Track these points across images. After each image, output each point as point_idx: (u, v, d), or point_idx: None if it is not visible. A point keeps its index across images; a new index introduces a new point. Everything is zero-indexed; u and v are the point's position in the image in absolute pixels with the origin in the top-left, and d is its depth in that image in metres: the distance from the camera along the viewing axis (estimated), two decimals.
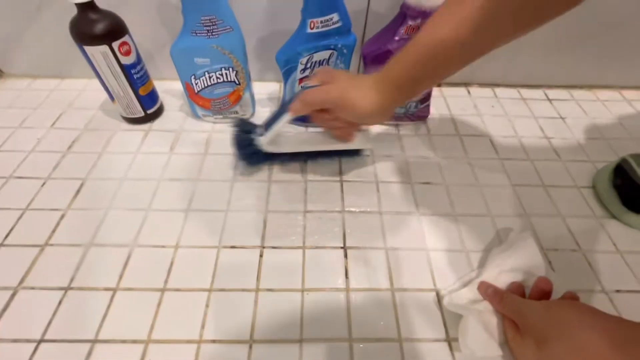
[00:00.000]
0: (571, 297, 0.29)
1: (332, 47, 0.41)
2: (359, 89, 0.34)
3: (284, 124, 0.38)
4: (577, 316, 0.25)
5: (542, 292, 0.30)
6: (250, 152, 0.41)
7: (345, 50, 0.42)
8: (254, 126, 0.42)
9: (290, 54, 0.42)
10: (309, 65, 0.43)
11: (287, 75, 0.44)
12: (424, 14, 0.39)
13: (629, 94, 0.59)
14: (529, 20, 0.28)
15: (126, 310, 0.32)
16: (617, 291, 0.35)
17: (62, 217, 0.39)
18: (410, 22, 0.40)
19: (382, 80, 0.33)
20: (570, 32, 0.53)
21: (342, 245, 0.37)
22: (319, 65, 0.43)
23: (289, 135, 0.44)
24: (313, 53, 0.42)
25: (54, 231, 0.37)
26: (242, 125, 0.42)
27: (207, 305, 0.33)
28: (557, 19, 0.51)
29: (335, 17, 0.39)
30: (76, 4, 0.38)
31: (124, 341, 0.30)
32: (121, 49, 0.41)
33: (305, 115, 0.37)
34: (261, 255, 0.36)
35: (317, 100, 0.35)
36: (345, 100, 0.34)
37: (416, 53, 0.31)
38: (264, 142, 0.40)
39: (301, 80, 0.45)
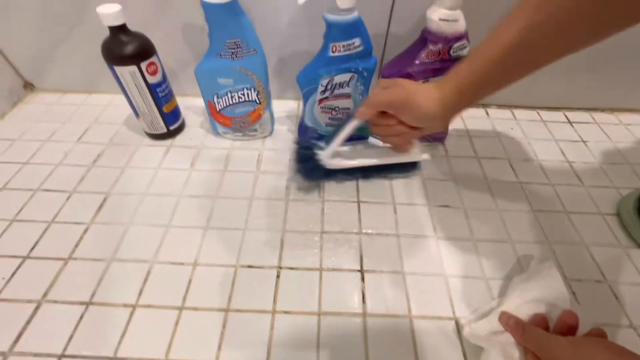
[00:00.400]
0: (598, 334, 0.28)
1: (352, 70, 0.42)
2: (423, 92, 0.35)
3: (347, 133, 0.39)
4: (607, 357, 0.24)
5: (568, 327, 0.29)
6: (310, 167, 0.41)
7: (365, 73, 0.43)
8: (315, 144, 0.42)
9: (311, 76, 0.43)
10: (329, 87, 0.44)
11: (307, 96, 0.45)
12: (445, 40, 0.40)
13: None
14: (607, 25, 0.27)
15: (145, 328, 0.32)
16: None
17: (86, 231, 0.40)
18: (431, 47, 0.40)
19: (445, 84, 0.34)
20: (592, 53, 0.51)
21: (359, 269, 0.37)
22: (339, 88, 0.44)
23: (348, 151, 0.45)
24: (334, 75, 0.42)
25: (77, 245, 0.38)
26: (304, 142, 0.43)
27: (223, 326, 0.33)
28: None
29: (357, 41, 0.40)
30: (109, 27, 0.39)
31: (142, 359, 0.31)
32: (149, 69, 0.43)
33: (367, 123, 0.39)
34: (278, 276, 0.36)
35: (384, 100, 0.36)
36: (411, 102, 0.35)
37: (480, 58, 0.31)
38: (326, 155, 0.40)
39: (321, 101, 0.46)
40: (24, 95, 0.59)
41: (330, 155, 0.41)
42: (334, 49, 0.40)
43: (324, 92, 0.44)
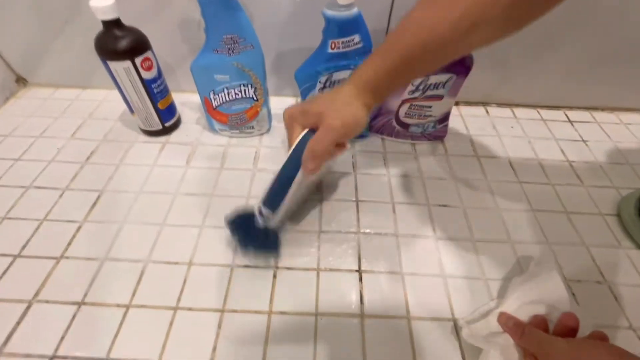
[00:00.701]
0: (599, 337, 0.28)
1: (352, 67, 0.41)
2: (349, 106, 0.32)
3: (294, 191, 0.34)
4: (607, 359, 0.24)
5: (568, 329, 0.29)
6: (264, 240, 0.36)
7: None
8: (249, 213, 0.36)
9: (309, 73, 0.42)
10: (327, 84, 0.43)
11: (305, 93, 0.44)
12: None
13: None
14: (521, 16, 0.28)
15: (138, 329, 0.32)
16: None
17: (79, 229, 0.39)
18: None
19: (362, 89, 0.32)
20: (592, 52, 0.52)
21: (357, 269, 0.37)
22: (338, 84, 0.43)
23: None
24: (332, 72, 0.42)
25: (69, 244, 0.38)
26: (237, 218, 0.37)
27: (219, 327, 0.32)
28: (579, 38, 0.50)
29: (356, 38, 0.39)
30: (102, 21, 0.38)
31: None
32: (143, 64, 0.42)
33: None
34: (274, 276, 0.36)
35: (329, 143, 0.32)
36: (348, 126, 0.32)
37: (398, 54, 0.30)
38: (277, 220, 0.36)
39: None
40: (16, 90, 0.58)
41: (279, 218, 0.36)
42: (332, 46, 0.39)
43: (322, 89, 0.44)
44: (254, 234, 0.36)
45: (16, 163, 0.46)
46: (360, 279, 0.36)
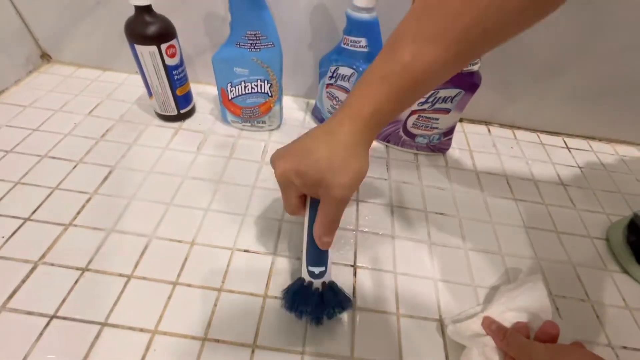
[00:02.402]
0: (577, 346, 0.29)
1: (354, 67, 0.44)
2: (351, 160, 0.28)
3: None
4: None
5: (549, 336, 0.30)
6: (331, 301, 0.31)
7: None
8: (297, 287, 0.32)
9: (326, 59, 0.47)
10: (334, 74, 0.47)
11: (321, 76, 0.49)
12: None
13: None
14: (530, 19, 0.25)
15: (137, 299, 0.33)
16: (624, 347, 0.34)
17: (89, 200, 0.40)
18: None
19: (364, 128, 0.28)
20: (594, 84, 0.54)
21: (352, 264, 0.38)
22: (342, 79, 0.46)
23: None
24: (340, 65, 0.45)
25: (79, 213, 0.39)
26: (293, 296, 0.32)
27: (215, 305, 0.33)
28: (582, 69, 0.52)
29: (363, 42, 0.41)
30: (135, 6, 0.41)
31: (131, 328, 0.31)
32: (168, 51, 0.44)
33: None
34: (273, 263, 0.37)
35: (338, 217, 0.29)
36: (354, 188, 0.28)
37: (383, 83, 0.27)
38: (329, 271, 0.32)
39: (328, 85, 0.49)
40: (40, 64, 0.60)
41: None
42: (345, 41, 0.43)
43: (330, 77, 0.47)
44: (316, 300, 0.31)
45: (33, 133, 0.48)
46: (355, 274, 0.37)
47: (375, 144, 0.53)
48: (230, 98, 0.48)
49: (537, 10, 0.24)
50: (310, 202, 0.32)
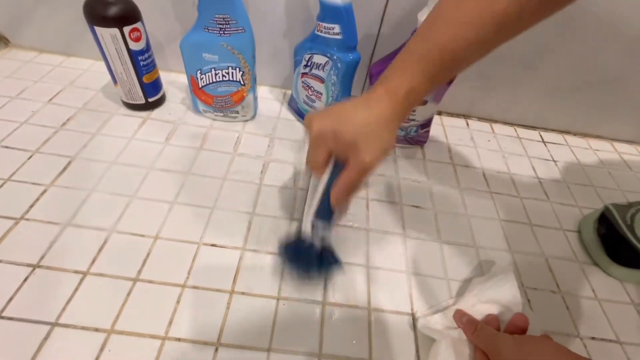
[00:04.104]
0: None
1: (327, 54, 0.43)
2: (384, 133, 0.29)
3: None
4: (550, 355, 0.25)
5: (518, 328, 0.30)
6: (327, 259, 0.34)
7: (339, 64, 0.43)
8: (296, 239, 0.34)
9: (300, 47, 0.45)
10: (309, 63, 0.45)
11: (296, 65, 0.48)
12: None
13: (620, 146, 0.61)
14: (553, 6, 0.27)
15: (93, 296, 0.31)
16: (592, 338, 0.35)
17: (44, 192, 0.38)
18: None
19: (400, 105, 0.29)
20: (569, 80, 0.54)
21: None
22: (316, 68, 0.45)
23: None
24: (313, 54, 0.44)
25: (32, 206, 0.36)
26: (289, 247, 0.34)
27: (178, 302, 0.32)
28: (557, 65, 0.52)
29: (336, 28, 0.40)
30: None
31: (85, 328, 0.29)
32: (132, 34, 0.41)
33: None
34: (241, 258, 0.35)
35: (360, 182, 0.30)
36: (380, 160, 0.29)
37: (421, 63, 0.28)
38: (331, 230, 0.34)
39: (302, 75, 0.47)
40: None
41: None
42: (318, 28, 0.41)
43: (305, 66, 0.46)
44: (312, 258, 0.33)
45: None
46: None
47: None
48: (200, 86, 0.46)
49: None
50: (335, 164, 0.31)
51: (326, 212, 0.32)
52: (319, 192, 0.32)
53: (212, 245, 0.36)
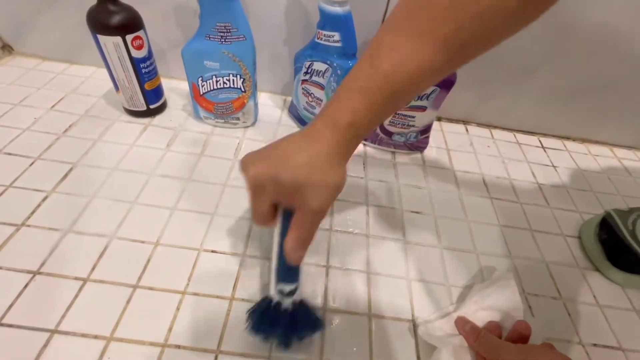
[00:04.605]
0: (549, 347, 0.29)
1: (327, 62, 0.43)
2: (329, 171, 0.26)
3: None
4: None
5: (520, 336, 0.30)
6: (303, 322, 0.30)
7: (339, 71, 0.43)
8: (265, 304, 0.30)
9: (301, 54, 0.46)
10: (309, 70, 0.46)
11: (296, 72, 0.48)
12: None
13: (619, 151, 0.61)
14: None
15: (93, 303, 0.31)
16: (594, 345, 0.34)
17: (45, 199, 0.38)
18: None
19: (343, 139, 0.26)
20: (567, 85, 0.55)
21: (324, 264, 0.37)
22: (317, 75, 0.45)
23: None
24: (313, 61, 0.44)
25: (33, 212, 0.37)
26: (260, 314, 0.30)
27: (178, 308, 0.32)
28: (556, 71, 0.53)
29: (336, 36, 0.41)
30: None
31: (84, 335, 0.29)
32: (134, 42, 0.42)
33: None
34: (241, 264, 0.35)
35: (314, 230, 0.27)
36: (332, 200, 0.26)
37: (363, 93, 0.25)
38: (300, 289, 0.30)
39: (303, 82, 0.48)
40: (0, 56, 0.57)
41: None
42: (318, 36, 0.42)
43: (305, 73, 0.46)
44: (286, 321, 0.29)
45: None
46: (327, 274, 0.36)
47: None
48: (201, 93, 0.46)
49: (518, 20, 0.23)
50: (283, 213, 0.29)
51: (287, 271, 0.29)
52: (275, 251, 0.29)
53: (213, 251, 0.36)
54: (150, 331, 0.30)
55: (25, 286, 0.31)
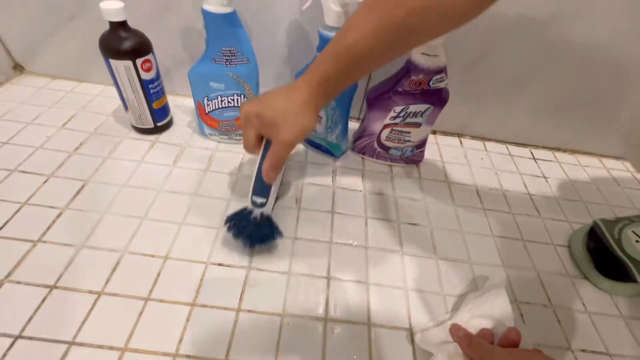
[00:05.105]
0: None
1: None
2: (301, 115, 0.34)
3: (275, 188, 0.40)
4: None
5: (511, 342, 0.32)
6: (265, 228, 0.38)
7: None
8: (241, 211, 0.40)
9: (300, 74, 0.46)
10: None
11: None
12: (426, 72, 0.43)
13: (608, 162, 0.63)
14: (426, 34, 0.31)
15: (107, 316, 0.33)
16: (583, 351, 0.36)
17: (59, 215, 0.40)
18: (413, 77, 0.44)
19: (315, 91, 0.34)
20: (557, 98, 0.57)
21: (326, 275, 0.39)
22: None
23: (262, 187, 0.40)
24: None
25: (48, 228, 0.38)
26: (233, 217, 0.39)
27: (187, 319, 0.33)
28: (545, 84, 0.55)
29: None
30: (110, 22, 0.41)
31: (100, 346, 0.31)
32: (143, 65, 0.44)
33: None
34: (247, 276, 0.37)
35: (284, 158, 0.36)
36: (300, 138, 0.35)
37: (332, 59, 0.33)
38: (270, 204, 0.40)
39: None
40: (12, 76, 0.59)
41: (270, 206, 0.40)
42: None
43: None
44: (253, 225, 0.38)
45: (3, 146, 0.47)
46: (328, 285, 0.38)
47: (351, 156, 0.55)
48: (207, 112, 0.49)
49: (456, 17, 0.29)
50: (265, 143, 0.38)
51: (262, 188, 0.39)
52: (255, 171, 0.39)
53: (220, 264, 0.38)
54: (162, 342, 0.32)
55: (43, 300, 0.33)
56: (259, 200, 0.39)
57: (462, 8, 0.28)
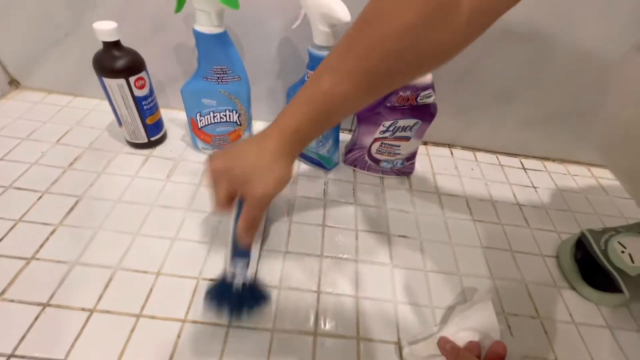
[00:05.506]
0: None
1: None
2: (274, 166, 0.32)
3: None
4: None
5: (497, 355, 0.32)
6: (249, 299, 0.35)
7: None
8: (221, 281, 0.36)
9: (291, 90, 0.49)
10: None
11: None
12: (414, 88, 0.44)
13: (597, 171, 0.64)
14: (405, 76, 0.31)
15: (100, 333, 0.33)
16: None
17: (53, 232, 0.40)
18: (401, 93, 0.45)
19: (288, 141, 0.32)
20: (545, 109, 0.58)
21: (316, 289, 0.39)
22: None
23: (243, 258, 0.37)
24: None
25: (42, 245, 0.39)
26: (214, 289, 0.35)
27: (178, 336, 0.34)
28: (534, 95, 0.56)
29: None
30: (103, 42, 0.42)
31: None
32: (137, 83, 0.45)
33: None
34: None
35: (258, 216, 0.34)
36: (275, 191, 0.32)
37: (307, 104, 0.31)
38: (252, 269, 0.37)
39: None
40: (7, 91, 0.60)
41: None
42: (308, 75, 0.45)
43: None
44: (235, 299, 0.34)
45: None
46: (318, 300, 0.38)
47: (343, 168, 0.56)
48: (200, 127, 0.49)
49: (432, 60, 0.29)
50: (238, 203, 0.35)
51: (240, 250, 0.36)
52: (230, 234, 0.35)
53: (211, 280, 0.38)
54: (152, 359, 0.32)
55: (36, 318, 0.33)
56: (239, 264, 0.36)
57: (440, 47, 0.27)
